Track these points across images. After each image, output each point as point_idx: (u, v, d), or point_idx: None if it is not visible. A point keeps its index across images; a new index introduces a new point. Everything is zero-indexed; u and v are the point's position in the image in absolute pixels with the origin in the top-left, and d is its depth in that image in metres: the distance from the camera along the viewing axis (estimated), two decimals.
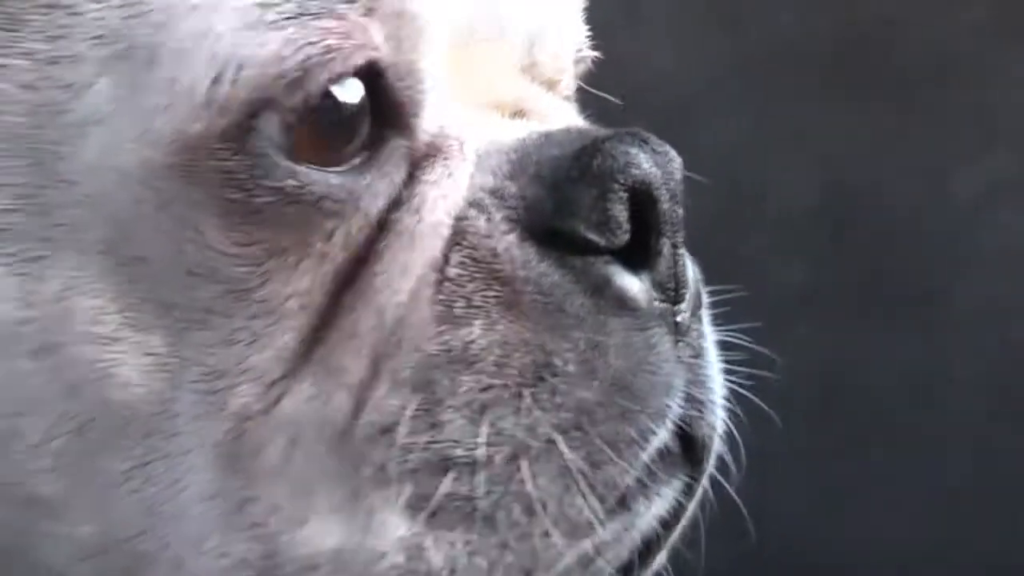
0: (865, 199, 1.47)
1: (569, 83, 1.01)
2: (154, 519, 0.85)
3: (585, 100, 1.06)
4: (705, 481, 0.92)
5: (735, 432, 0.94)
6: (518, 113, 0.94)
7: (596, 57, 1.02)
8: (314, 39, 0.82)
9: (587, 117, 1.00)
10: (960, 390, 1.47)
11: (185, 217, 0.83)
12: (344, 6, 0.83)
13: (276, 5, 0.82)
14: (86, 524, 0.86)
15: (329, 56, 0.82)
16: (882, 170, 1.47)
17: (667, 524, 0.90)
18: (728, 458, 0.94)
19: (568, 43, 1.00)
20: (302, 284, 0.85)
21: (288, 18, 0.82)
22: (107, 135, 0.83)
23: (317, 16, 0.83)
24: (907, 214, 1.46)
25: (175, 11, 0.84)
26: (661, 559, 0.92)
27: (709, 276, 0.96)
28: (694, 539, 0.95)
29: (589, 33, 1.01)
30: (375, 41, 0.84)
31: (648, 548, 0.90)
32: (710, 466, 0.92)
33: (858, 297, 1.48)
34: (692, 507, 0.91)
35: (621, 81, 1.00)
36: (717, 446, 0.92)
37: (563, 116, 0.97)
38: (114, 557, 0.87)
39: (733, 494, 0.96)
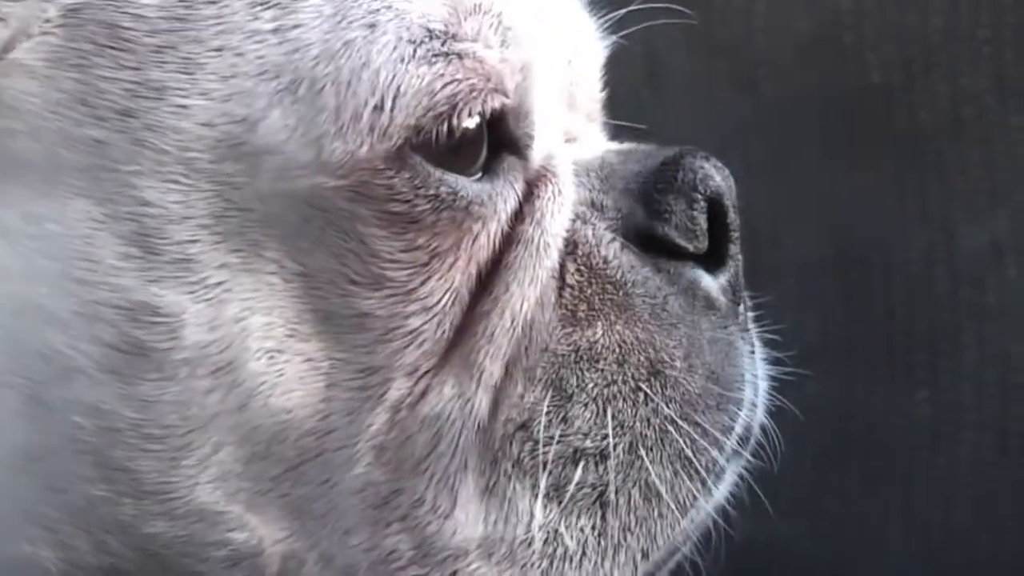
0: (875, 253, 1.49)
1: (600, 115, 1.10)
2: (303, 519, 0.91)
3: None
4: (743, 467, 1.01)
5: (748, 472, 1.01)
6: (570, 139, 1.03)
7: (626, 123, 1.11)
8: (460, 77, 0.89)
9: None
10: (966, 434, 1.49)
11: (350, 232, 0.89)
12: (484, 51, 0.91)
13: (425, 43, 0.89)
14: (239, 531, 0.91)
15: (472, 95, 0.89)
16: (891, 226, 1.49)
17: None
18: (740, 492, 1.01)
19: (597, 83, 1.09)
20: (455, 281, 0.92)
21: (435, 55, 0.89)
22: (280, 163, 0.88)
23: (461, 57, 0.90)
24: (915, 269, 1.47)
25: (331, 45, 0.89)
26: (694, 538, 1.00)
27: None
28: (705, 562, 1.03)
29: (615, 97, 1.10)
30: (507, 87, 0.92)
31: (695, 529, 1.00)
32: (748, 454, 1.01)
33: (868, 346, 1.51)
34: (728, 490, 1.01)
35: (646, 142, 1.05)
36: (757, 432, 1.00)
37: (602, 141, 1.07)
38: (264, 560, 0.92)
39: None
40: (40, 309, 0.88)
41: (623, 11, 1.08)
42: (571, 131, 1.05)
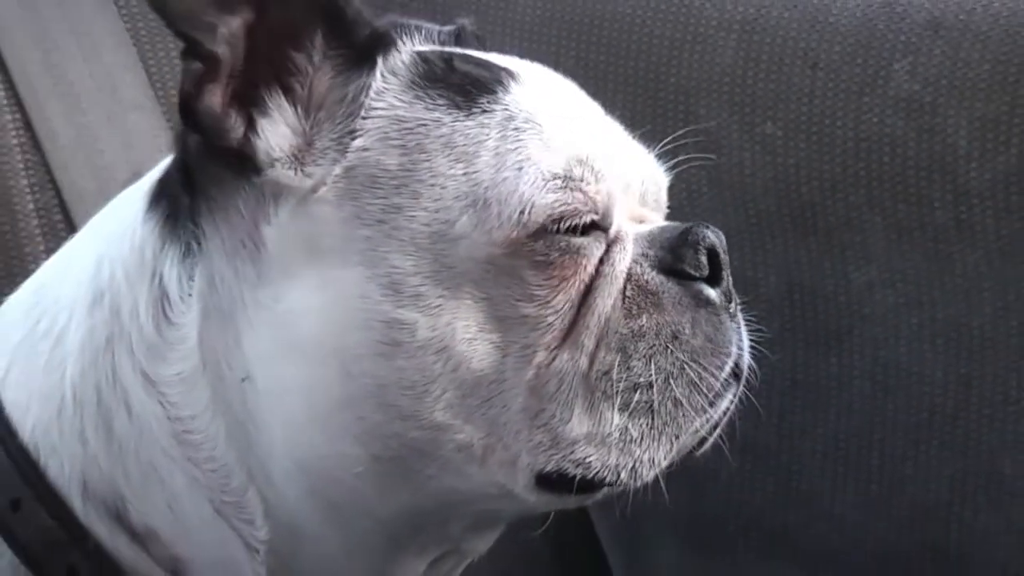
0: (807, 290, 1.80)
1: (664, 207, 1.25)
2: (494, 426, 1.13)
3: None
4: (740, 391, 1.19)
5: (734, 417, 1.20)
6: (642, 220, 1.20)
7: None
8: (569, 201, 1.11)
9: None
10: (857, 390, 1.79)
11: (511, 273, 1.10)
12: (586, 186, 1.12)
13: (552, 180, 1.10)
14: (460, 433, 1.13)
15: (575, 212, 1.11)
16: (817, 278, 1.79)
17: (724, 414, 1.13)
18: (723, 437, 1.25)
19: (662, 191, 1.26)
20: (571, 294, 1.12)
21: (559, 187, 1.11)
22: (468, 243, 1.10)
23: (573, 190, 1.12)
24: (827, 298, 1.79)
25: (496, 179, 1.10)
26: (719, 432, 1.16)
27: None
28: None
29: (671, 207, 1.27)
30: (599, 207, 1.12)
31: (715, 426, 1.16)
32: (743, 383, 1.19)
33: (805, 340, 1.80)
34: (733, 406, 1.18)
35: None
36: (746, 373, 1.18)
37: (660, 221, 1.23)
38: (475, 449, 1.12)
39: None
40: (342, 324, 1.10)
41: (666, 150, 1.28)
42: (643, 216, 1.22)
